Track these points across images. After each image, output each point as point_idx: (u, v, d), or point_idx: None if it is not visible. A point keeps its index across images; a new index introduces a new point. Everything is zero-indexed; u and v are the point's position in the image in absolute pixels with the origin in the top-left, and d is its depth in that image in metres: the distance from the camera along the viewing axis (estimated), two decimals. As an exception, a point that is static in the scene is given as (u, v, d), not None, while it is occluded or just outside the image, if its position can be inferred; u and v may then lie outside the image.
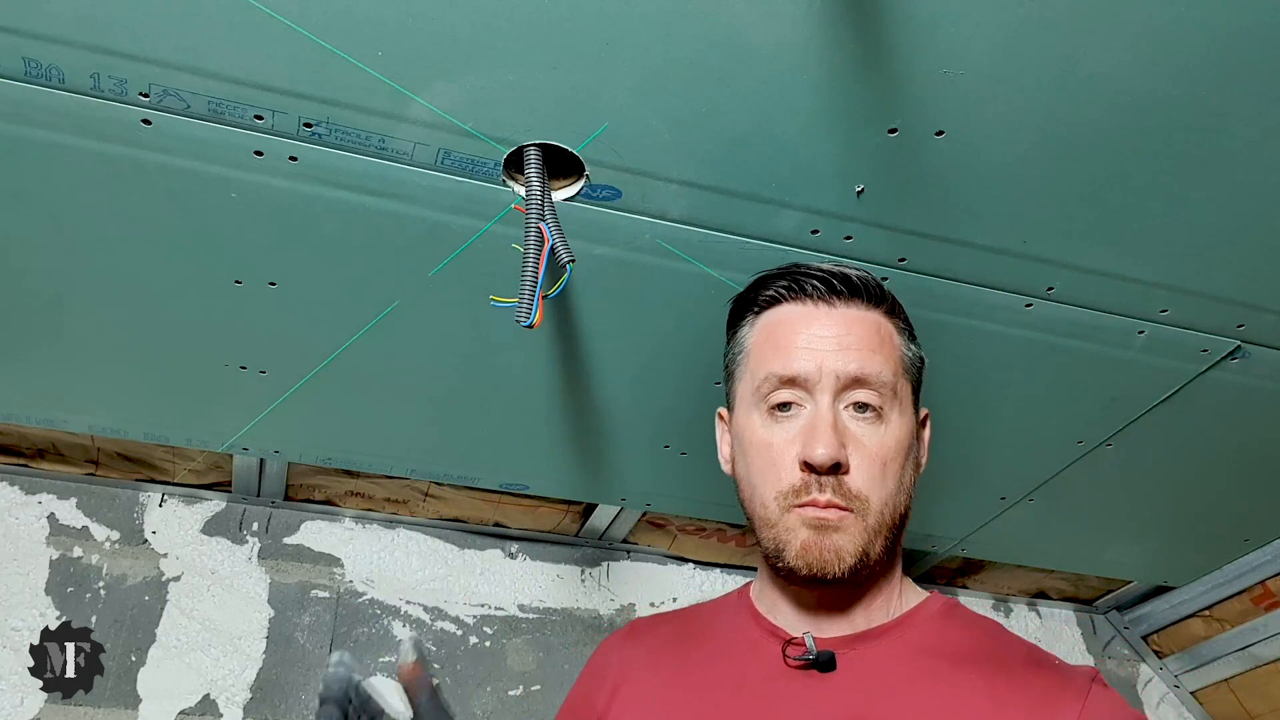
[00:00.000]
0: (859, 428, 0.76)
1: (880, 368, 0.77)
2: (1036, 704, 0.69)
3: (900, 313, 0.84)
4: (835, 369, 0.76)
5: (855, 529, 0.74)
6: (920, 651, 0.76)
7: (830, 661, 0.75)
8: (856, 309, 0.80)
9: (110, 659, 1.38)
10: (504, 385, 1.14)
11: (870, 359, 0.77)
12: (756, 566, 0.89)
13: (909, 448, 0.78)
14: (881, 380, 0.76)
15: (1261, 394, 1.16)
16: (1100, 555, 1.60)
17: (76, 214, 0.89)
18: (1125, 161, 0.85)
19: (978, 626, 0.79)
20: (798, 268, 0.83)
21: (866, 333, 0.79)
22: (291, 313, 1.02)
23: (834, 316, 0.79)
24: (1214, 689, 1.76)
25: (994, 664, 0.73)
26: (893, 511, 0.76)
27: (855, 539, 0.74)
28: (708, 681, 0.80)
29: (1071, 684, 0.71)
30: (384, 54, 0.74)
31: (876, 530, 0.75)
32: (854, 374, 0.76)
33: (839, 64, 0.75)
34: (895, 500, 0.76)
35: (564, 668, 1.60)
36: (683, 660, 0.84)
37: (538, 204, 0.81)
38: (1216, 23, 0.72)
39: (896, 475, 0.76)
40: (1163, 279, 0.98)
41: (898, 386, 0.78)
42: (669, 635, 0.89)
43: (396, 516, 1.60)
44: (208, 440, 1.26)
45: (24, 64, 0.75)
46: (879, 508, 0.75)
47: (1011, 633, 0.79)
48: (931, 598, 0.81)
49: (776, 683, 0.77)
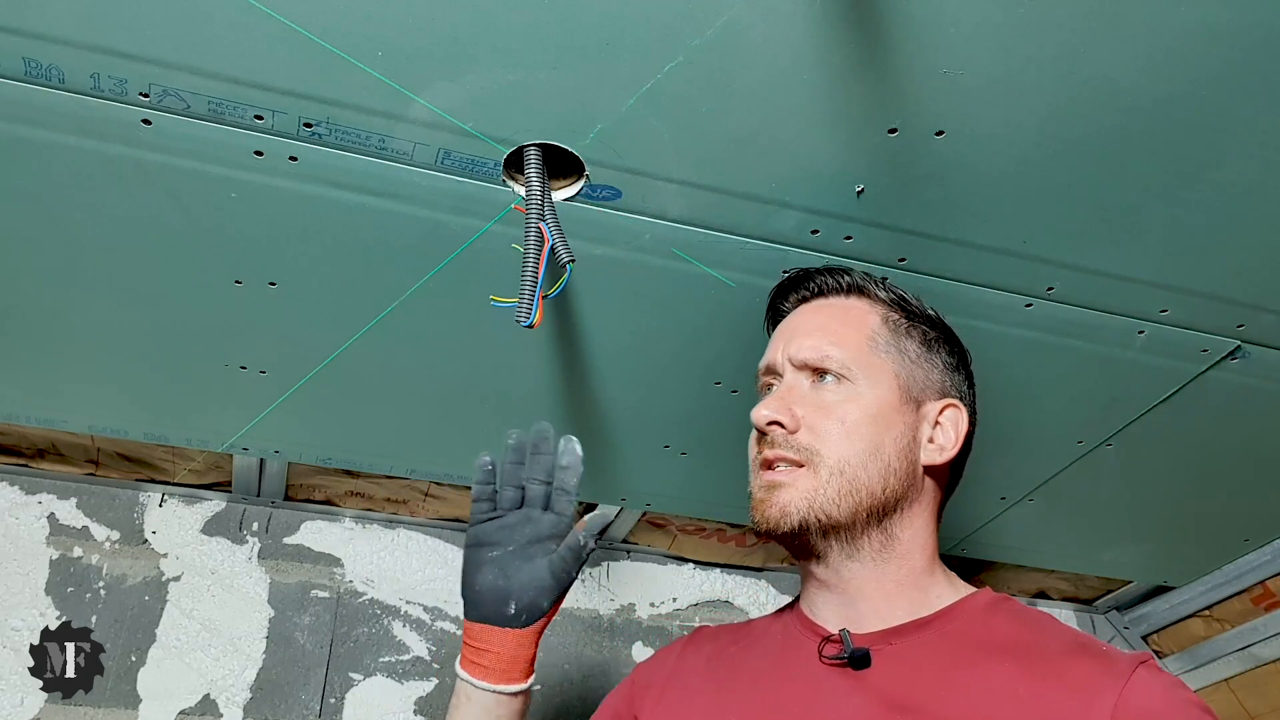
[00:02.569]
0: (818, 394, 0.81)
1: (824, 346, 0.82)
2: (1074, 690, 0.69)
3: (896, 305, 0.86)
4: (790, 352, 0.84)
5: (806, 483, 0.78)
6: (960, 644, 0.75)
7: (865, 658, 0.76)
8: (826, 300, 0.88)
9: (110, 659, 1.38)
10: (504, 385, 1.14)
11: (818, 344, 0.83)
12: (760, 566, 0.90)
13: (882, 419, 0.80)
14: (826, 357, 0.81)
15: (1261, 394, 1.16)
16: (1100, 555, 1.60)
17: (76, 214, 0.89)
18: (1125, 161, 0.85)
19: (1024, 619, 0.79)
20: (797, 275, 0.91)
21: (827, 318, 0.85)
22: (291, 313, 1.02)
23: (805, 311, 0.88)
24: (1214, 689, 1.75)
25: (1034, 654, 0.73)
26: (865, 476, 0.78)
27: (804, 493, 0.78)
28: (751, 682, 0.83)
29: (1113, 669, 0.69)
30: (384, 54, 0.74)
31: (832, 484, 0.77)
32: (802, 357, 0.83)
33: (839, 64, 0.75)
34: (866, 463, 0.78)
35: (564, 668, 1.60)
36: (734, 665, 0.87)
37: (538, 204, 0.81)
38: (1216, 23, 0.72)
39: (865, 439, 0.79)
40: (1163, 279, 0.98)
41: (858, 362, 0.81)
42: (728, 642, 0.91)
43: (397, 516, 1.60)
44: (208, 440, 1.26)
45: (24, 64, 0.75)
46: (836, 462, 0.78)
47: (1062, 624, 0.78)
48: (980, 592, 0.81)
49: (813, 680, 0.78)
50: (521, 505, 0.88)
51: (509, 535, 0.87)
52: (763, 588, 1.75)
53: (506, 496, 0.88)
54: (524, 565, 0.86)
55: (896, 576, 0.80)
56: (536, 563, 0.86)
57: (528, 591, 0.85)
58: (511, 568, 0.86)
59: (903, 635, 0.77)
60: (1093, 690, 0.68)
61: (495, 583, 0.86)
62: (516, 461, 0.89)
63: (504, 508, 0.88)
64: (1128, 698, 0.67)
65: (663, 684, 0.90)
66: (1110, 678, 0.69)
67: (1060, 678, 0.70)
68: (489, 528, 0.88)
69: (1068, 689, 0.69)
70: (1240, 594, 1.68)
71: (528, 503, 0.88)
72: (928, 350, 0.85)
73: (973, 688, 0.71)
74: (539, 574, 0.86)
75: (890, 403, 0.81)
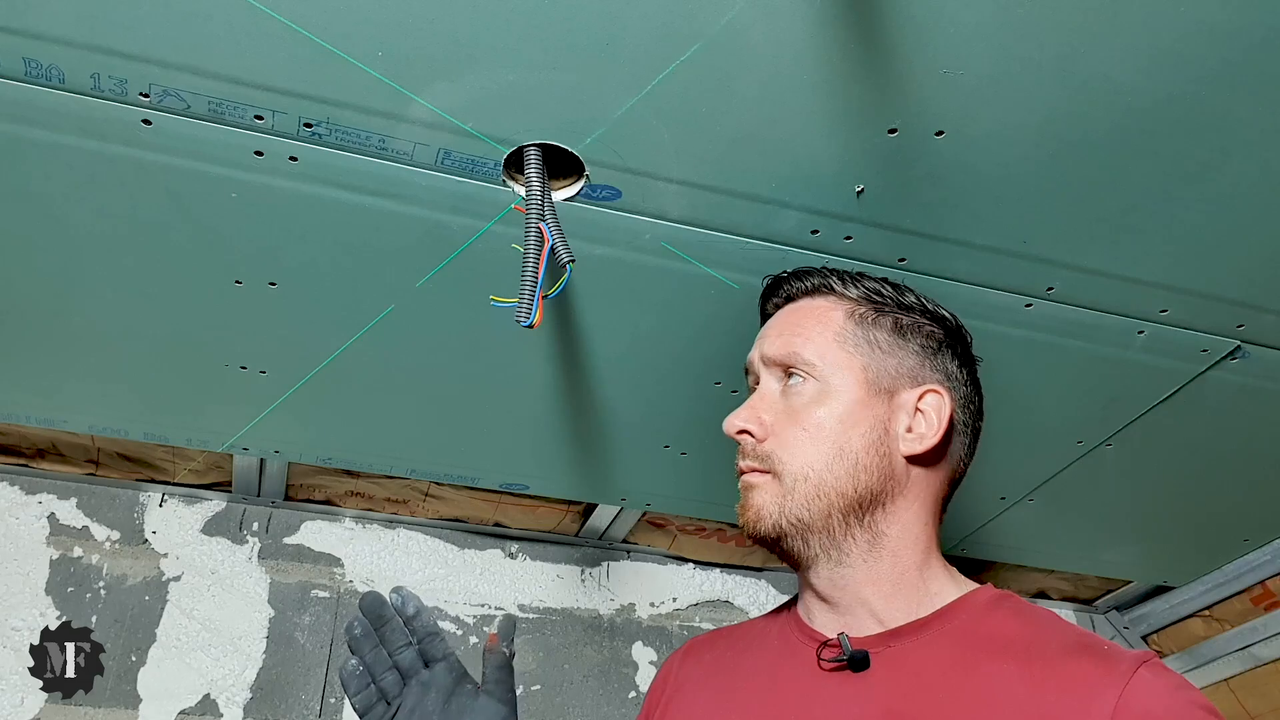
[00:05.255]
0: (788, 400, 0.82)
1: (796, 347, 0.82)
2: (1074, 690, 0.67)
3: (859, 295, 0.85)
4: (762, 349, 0.85)
5: (771, 489, 0.80)
6: (960, 644, 0.74)
7: (864, 660, 0.75)
8: (798, 302, 0.88)
9: (110, 659, 1.38)
10: (504, 385, 1.14)
11: (787, 341, 0.83)
12: (760, 566, 0.90)
13: (849, 417, 0.79)
14: (793, 355, 0.82)
15: (1261, 394, 1.16)
16: (1100, 555, 1.60)
17: (76, 214, 0.89)
18: (1125, 161, 0.85)
19: (1026, 616, 0.77)
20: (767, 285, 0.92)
21: (798, 318, 0.86)
22: (291, 313, 1.02)
23: (780, 314, 0.89)
24: (1214, 689, 1.75)
25: (1035, 653, 0.72)
26: (832, 478, 0.78)
27: (770, 497, 0.80)
28: (749, 690, 0.82)
29: (1114, 669, 0.68)
30: (384, 54, 0.74)
31: (799, 491, 0.78)
32: (770, 354, 0.84)
33: (839, 64, 0.75)
34: (831, 465, 0.78)
35: (564, 668, 1.60)
36: (731, 673, 0.86)
37: (538, 204, 0.81)
38: (1217, 23, 0.72)
39: (829, 440, 0.79)
40: (1163, 279, 0.98)
41: (825, 359, 0.81)
42: (723, 649, 0.90)
43: (397, 516, 1.60)
44: (208, 440, 1.26)
45: (24, 64, 0.75)
46: (798, 469, 0.79)
47: (1066, 622, 0.77)
48: (980, 590, 0.80)
49: (812, 685, 0.77)
50: (405, 681, 0.83)
51: (425, 713, 0.81)
52: (763, 588, 1.75)
53: (390, 683, 0.83)
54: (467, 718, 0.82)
55: (891, 575, 0.79)
56: (476, 707, 0.82)
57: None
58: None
59: (901, 637, 0.76)
60: (1093, 690, 0.67)
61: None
62: (375, 646, 0.84)
63: (395, 694, 0.83)
64: (1129, 699, 0.66)
65: (666, 703, 0.89)
66: (1111, 677, 0.67)
67: (1060, 678, 0.69)
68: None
69: (1067, 689, 0.68)
70: (1240, 594, 1.68)
71: (409, 674, 0.83)
72: (900, 338, 0.83)
73: (972, 690, 0.70)
74: (488, 713, 0.82)
75: (857, 398, 0.80)
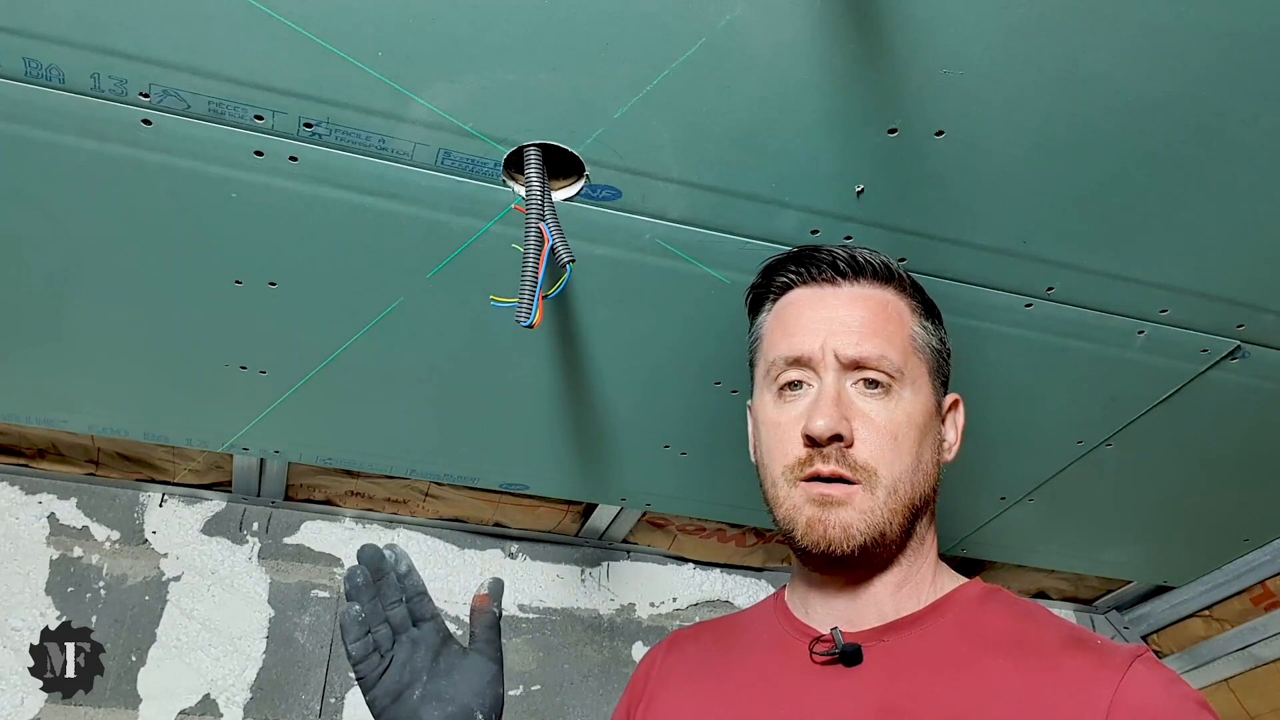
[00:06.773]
0: (867, 403, 0.76)
1: (882, 348, 0.77)
2: (1069, 686, 0.67)
3: (916, 293, 0.84)
4: (835, 348, 0.77)
5: (863, 503, 0.74)
6: (952, 639, 0.74)
7: (856, 654, 0.74)
8: (863, 287, 0.81)
9: (110, 659, 1.38)
10: (504, 385, 1.14)
11: (870, 340, 0.77)
12: (760, 566, 0.89)
13: (924, 426, 0.78)
14: (883, 359, 0.77)
15: (1261, 394, 1.16)
16: (1100, 555, 1.60)
17: (76, 214, 0.89)
18: (1125, 161, 0.85)
19: (1017, 610, 0.77)
20: (805, 251, 0.84)
21: (870, 312, 0.80)
22: (291, 313, 1.02)
23: (840, 296, 0.81)
24: (1214, 689, 1.75)
25: (1029, 648, 0.71)
26: (910, 489, 0.76)
27: (864, 514, 0.74)
28: (738, 685, 0.81)
29: (1109, 663, 0.68)
30: (384, 54, 0.74)
31: (888, 505, 0.74)
32: (854, 356, 0.77)
33: (839, 64, 0.75)
34: (912, 478, 0.76)
35: (564, 668, 1.60)
36: (718, 667, 0.85)
37: (538, 204, 0.81)
38: (1216, 23, 0.72)
39: (912, 451, 0.76)
40: (1163, 279, 0.98)
41: (906, 365, 0.78)
42: (709, 643, 0.89)
43: (397, 516, 1.60)
44: (208, 440, 1.26)
45: (24, 64, 0.75)
46: (890, 482, 0.74)
47: (1056, 616, 0.77)
48: (970, 584, 0.80)
49: (804, 680, 0.76)
50: (395, 637, 0.80)
51: (415, 669, 0.79)
52: (763, 588, 1.75)
53: (383, 636, 0.79)
54: (455, 678, 0.79)
55: (909, 573, 0.79)
56: (465, 665, 0.80)
57: (483, 695, 0.79)
58: (446, 689, 0.78)
59: (895, 631, 0.76)
60: (1089, 685, 0.67)
61: (447, 711, 0.78)
62: (373, 598, 0.80)
63: (387, 648, 0.79)
64: (1124, 693, 0.66)
65: (650, 697, 0.88)
66: (1106, 672, 0.67)
67: (1055, 673, 0.69)
68: (391, 677, 0.79)
69: (1063, 684, 0.68)
70: (1240, 594, 1.68)
71: (399, 630, 0.80)
72: (944, 342, 0.84)
73: (967, 685, 0.70)
74: (478, 671, 0.80)
75: (930, 409, 0.79)
